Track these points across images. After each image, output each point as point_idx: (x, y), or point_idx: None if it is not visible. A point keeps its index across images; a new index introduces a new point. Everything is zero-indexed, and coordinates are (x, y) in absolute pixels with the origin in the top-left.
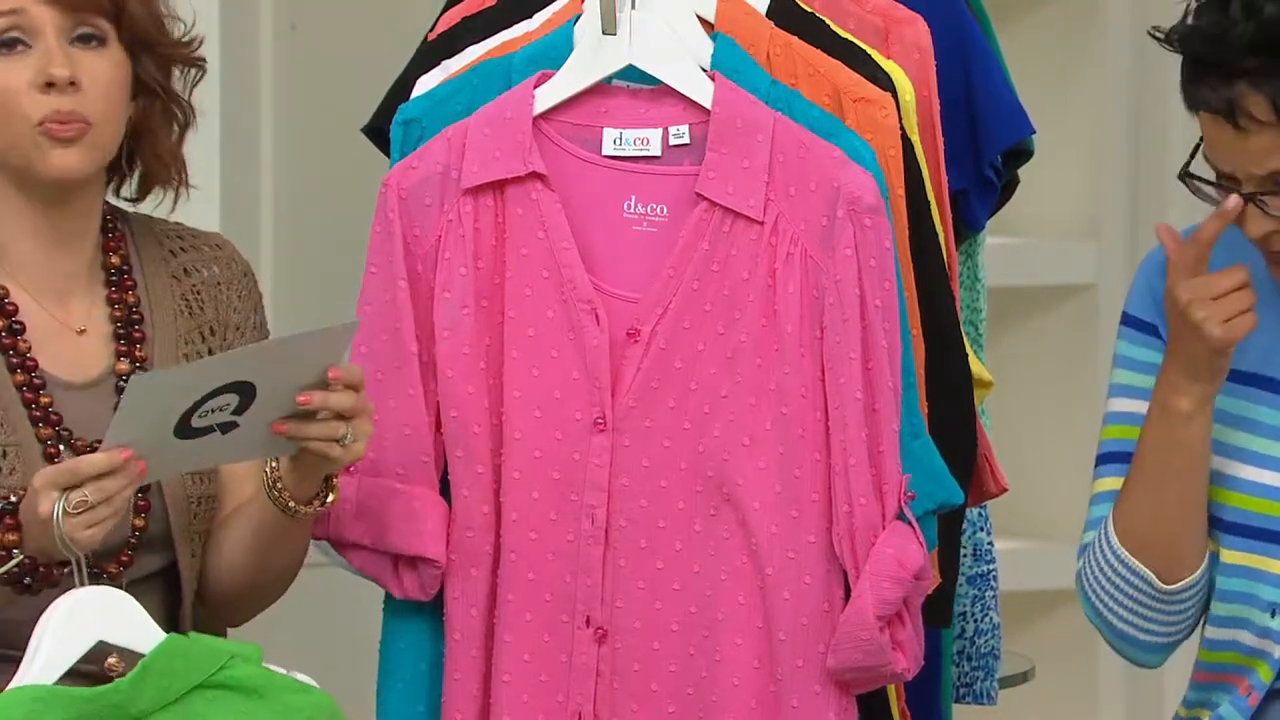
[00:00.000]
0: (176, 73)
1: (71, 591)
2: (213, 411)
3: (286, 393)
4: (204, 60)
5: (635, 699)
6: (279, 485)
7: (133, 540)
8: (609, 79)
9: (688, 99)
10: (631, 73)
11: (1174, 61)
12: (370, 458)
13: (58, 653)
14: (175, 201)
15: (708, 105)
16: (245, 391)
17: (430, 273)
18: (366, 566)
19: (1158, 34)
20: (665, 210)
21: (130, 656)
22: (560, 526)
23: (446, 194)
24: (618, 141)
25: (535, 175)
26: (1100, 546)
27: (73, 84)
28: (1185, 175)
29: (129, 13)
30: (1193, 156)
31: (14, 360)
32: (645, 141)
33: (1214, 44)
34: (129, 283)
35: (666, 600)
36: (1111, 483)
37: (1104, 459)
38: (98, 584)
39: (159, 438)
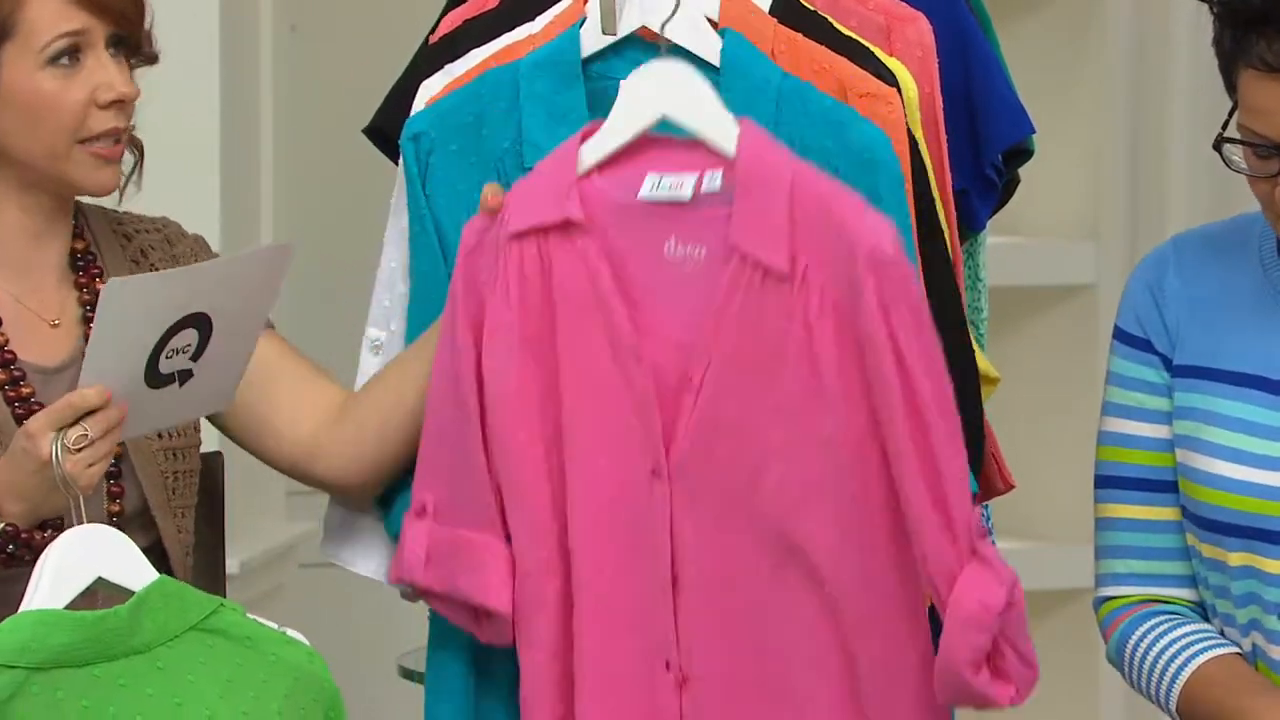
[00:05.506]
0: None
1: (71, 529)
2: (176, 353)
3: (237, 326)
4: (158, 56)
5: None
6: None
7: (112, 526)
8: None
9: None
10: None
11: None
12: (439, 505)
13: (58, 586)
14: (128, 180)
15: (731, 153)
16: (202, 326)
17: (482, 319)
18: (449, 614)
19: None
20: (703, 252)
21: (120, 598)
22: (630, 573)
23: (497, 241)
24: (655, 185)
25: (576, 221)
26: (1154, 680)
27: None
28: (1221, 142)
29: (145, 26)
30: (1226, 125)
31: None
32: (680, 185)
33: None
34: (95, 270)
35: (740, 645)
36: (1117, 509)
37: (1103, 482)
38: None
39: (132, 381)
